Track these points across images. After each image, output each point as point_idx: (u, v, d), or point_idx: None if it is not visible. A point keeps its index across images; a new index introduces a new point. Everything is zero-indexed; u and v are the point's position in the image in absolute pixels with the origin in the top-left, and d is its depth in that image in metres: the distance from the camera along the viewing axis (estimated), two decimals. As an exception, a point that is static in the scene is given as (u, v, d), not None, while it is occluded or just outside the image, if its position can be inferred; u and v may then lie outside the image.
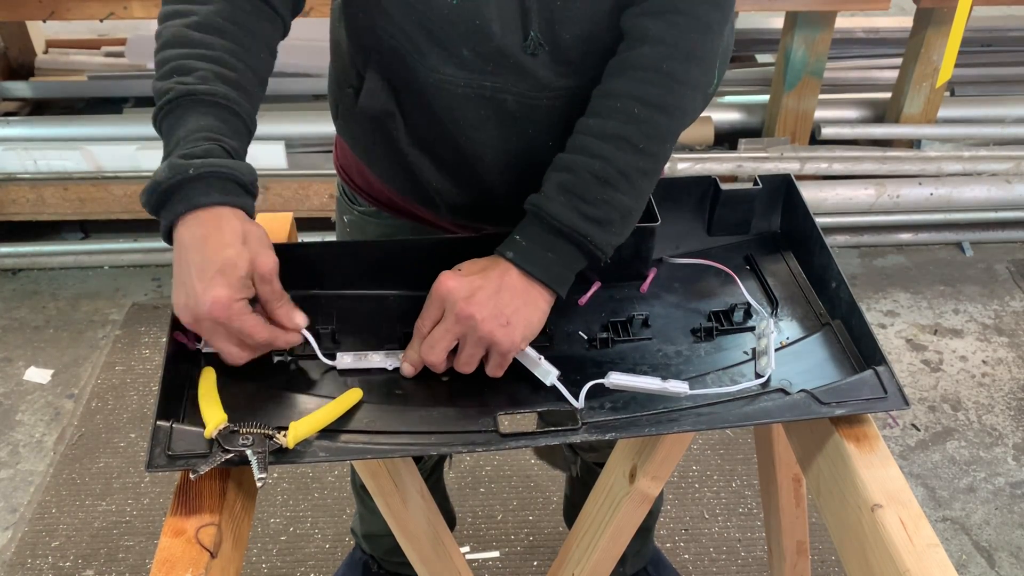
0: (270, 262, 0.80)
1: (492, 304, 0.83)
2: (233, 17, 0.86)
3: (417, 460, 1.36)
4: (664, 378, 0.86)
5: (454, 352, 0.86)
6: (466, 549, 1.78)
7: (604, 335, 0.93)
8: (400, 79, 0.94)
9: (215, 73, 0.83)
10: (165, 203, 0.79)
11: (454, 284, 0.83)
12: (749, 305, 0.96)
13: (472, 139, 0.95)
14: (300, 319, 0.84)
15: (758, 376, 0.88)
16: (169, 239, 0.81)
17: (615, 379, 0.86)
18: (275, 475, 1.91)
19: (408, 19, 0.89)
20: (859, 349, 0.90)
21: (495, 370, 0.86)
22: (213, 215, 0.79)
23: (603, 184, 0.85)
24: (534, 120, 0.93)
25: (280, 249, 0.98)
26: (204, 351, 0.89)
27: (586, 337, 0.93)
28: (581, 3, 0.87)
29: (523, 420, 0.85)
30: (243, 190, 0.81)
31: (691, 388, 0.86)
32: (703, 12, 0.85)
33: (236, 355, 0.81)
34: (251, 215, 0.82)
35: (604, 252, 0.87)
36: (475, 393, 0.87)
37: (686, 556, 1.77)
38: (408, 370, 0.87)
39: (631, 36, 0.87)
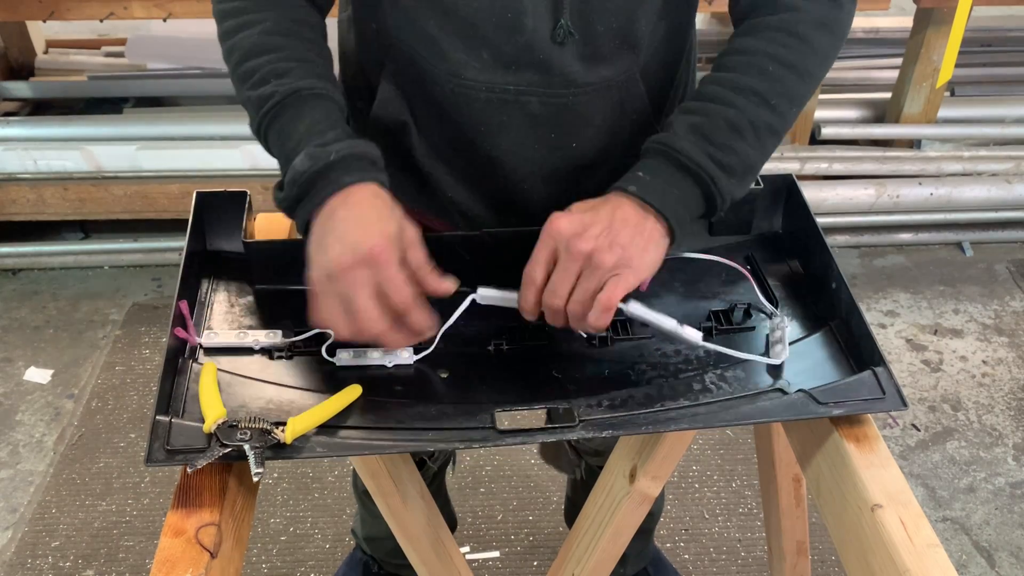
0: (415, 230, 0.83)
1: (606, 237, 0.81)
2: (295, 15, 0.90)
3: (420, 466, 1.36)
4: (680, 323, 0.87)
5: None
6: (466, 549, 1.78)
7: (604, 333, 0.93)
8: (415, 87, 0.94)
9: (306, 70, 0.86)
10: (309, 191, 0.82)
11: (564, 224, 0.81)
12: (749, 305, 0.96)
13: (492, 145, 0.95)
14: (450, 284, 0.84)
15: (770, 359, 0.89)
16: (306, 228, 0.83)
17: (634, 308, 0.85)
18: (275, 475, 1.91)
19: (430, 19, 0.88)
20: (858, 349, 0.90)
21: (600, 319, 0.81)
22: (361, 189, 0.82)
23: (733, 131, 0.84)
24: (557, 122, 0.93)
25: (280, 246, 0.99)
26: (206, 346, 0.89)
27: (585, 335, 0.94)
28: None
29: (521, 417, 0.85)
30: (376, 167, 0.85)
31: (701, 345, 0.88)
32: None
33: (373, 317, 0.78)
34: (386, 187, 0.84)
35: (724, 199, 0.85)
36: (473, 390, 0.87)
37: (686, 556, 1.77)
38: (528, 317, 0.86)
39: (762, 7, 0.89)
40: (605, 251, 0.80)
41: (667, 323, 0.86)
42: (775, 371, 0.89)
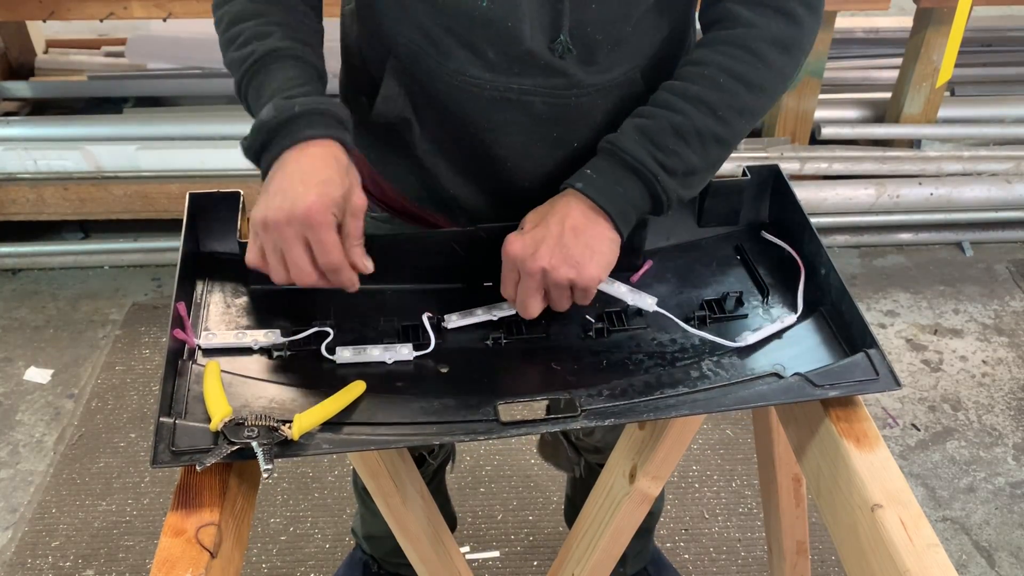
0: (363, 199, 0.85)
1: (558, 252, 0.86)
2: None
3: (420, 463, 1.36)
4: (632, 291, 0.94)
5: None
6: (466, 549, 1.78)
7: (599, 325, 0.94)
8: (418, 84, 0.94)
9: (287, 34, 0.89)
10: (271, 140, 0.84)
11: (516, 247, 0.87)
12: (741, 293, 0.97)
13: (495, 143, 0.95)
14: (369, 264, 0.87)
15: (730, 342, 0.92)
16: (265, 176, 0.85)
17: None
18: (276, 474, 1.91)
19: (433, 21, 0.89)
20: (850, 333, 0.91)
21: (582, 302, 0.90)
22: (320, 145, 0.84)
23: (678, 136, 0.88)
24: (560, 121, 0.94)
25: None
26: (204, 347, 0.89)
27: (581, 327, 0.94)
28: (618, 3, 0.88)
29: (523, 409, 0.85)
30: (342, 126, 0.86)
31: (658, 305, 0.94)
32: (793, 8, 0.90)
33: (304, 271, 0.83)
34: (348, 148, 0.86)
35: (669, 197, 0.89)
36: (474, 384, 0.88)
37: (686, 556, 1.77)
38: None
39: (722, 21, 0.91)
40: (560, 267, 0.86)
41: (624, 293, 0.94)
42: (769, 354, 0.90)
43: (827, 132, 2.53)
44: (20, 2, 2.18)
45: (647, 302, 0.94)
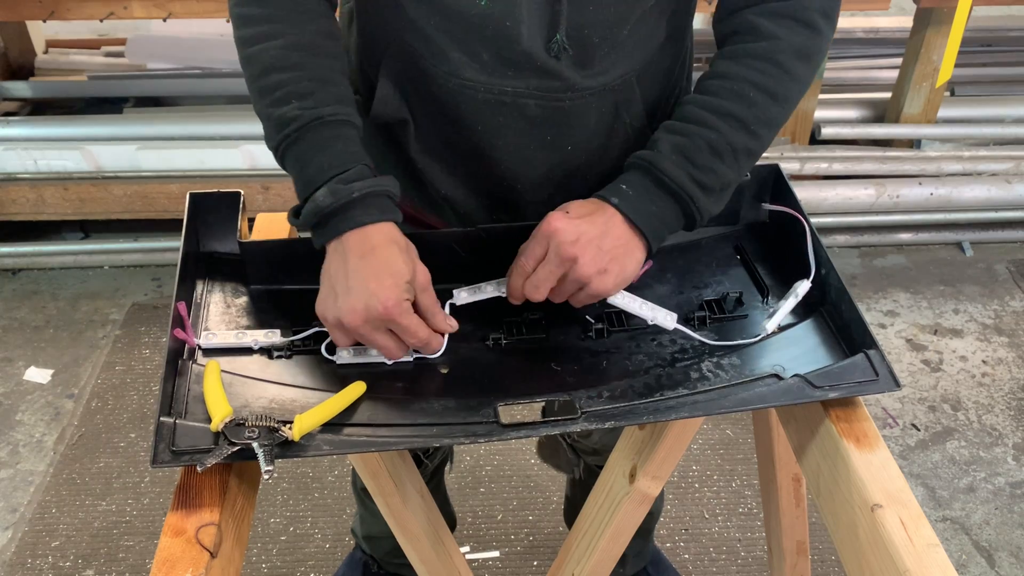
0: (426, 274, 0.87)
1: (594, 249, 0.86)
2: (318, 27, 0.89)
3: (419, 464, 1.36)
4: (653, 308, 0.93)
5: None
6: (466, 549, 1.78)
7: (599, 325, 0.94)
8: (414, 86, 0.94)
9: (330, 93, 0.87)
10: (327, 223, 0.85)
11: (561, 225, 0.86)
12: (741, 293, 0.97)
13: (488, 145, 0.95)
14: (453, 323, 0.90)
15: (758, 334, 0.93)
16: (322, 249, 0.87)
17: (616, 299, 0.91)
18: (276, 474, 1.91)
19: (430, 22, 0.89)
20: (849, 333, 0.91)
21: (581, 303, 0.91)
22: (377, 230, 0.85)
23: (714, 154, 0.88)
24: (554, 125, 0.94)
25: (275, 245, 1.00)
26: (205, 347, 0.89)
27: (581, 327, 0.94)
28: (615, 6, 0.88)
29: (523, 411, 0.85)
30: (393, 203, 0.87)
31: (678, 323, 0.93)
32: (813, 19, 0.90)
33: (395, 350, 0.86)
34: (399, 223, 0.87)
35: (702, 216, 0.90)
36: (474, 385, 0.88)
37: (686, 556, 1.77)
38: (514, 302, 0.92)
39: (744, 32, 0.91)
40: (590, 264, 0.86)
41: (643, 310, 0.92)
42: (768, 355, 0.90)
43: (827, 132, 2.53)
44: (20, 2, 2.18)
45: (670, 321, 0.93)
